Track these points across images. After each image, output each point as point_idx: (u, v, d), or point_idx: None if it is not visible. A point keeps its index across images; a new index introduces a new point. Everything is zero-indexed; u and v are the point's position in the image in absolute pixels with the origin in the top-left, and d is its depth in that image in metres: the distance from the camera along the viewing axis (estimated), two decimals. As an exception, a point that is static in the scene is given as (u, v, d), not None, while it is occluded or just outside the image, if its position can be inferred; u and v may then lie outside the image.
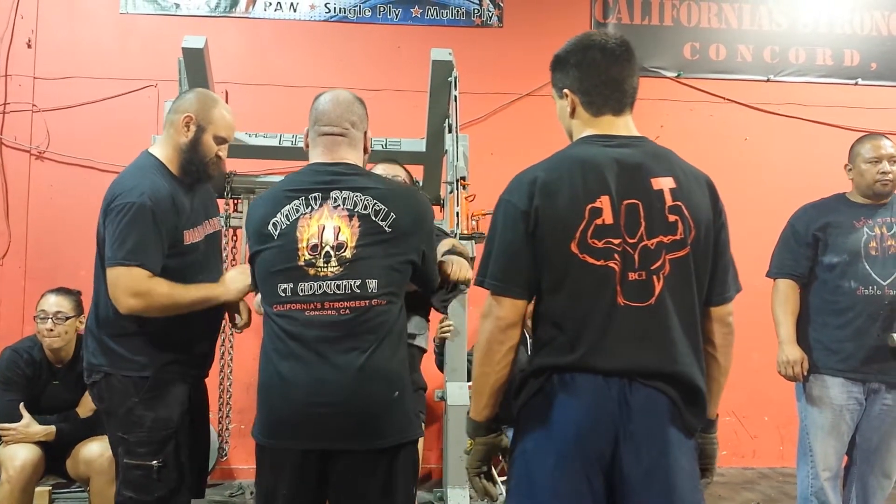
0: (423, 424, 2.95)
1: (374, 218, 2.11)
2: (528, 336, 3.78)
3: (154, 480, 2.45)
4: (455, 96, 3.76)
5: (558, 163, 1.86)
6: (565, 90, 1.94)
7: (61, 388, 3.46)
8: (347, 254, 2.09)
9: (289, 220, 2.13)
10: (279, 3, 5.57)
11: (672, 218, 1.80)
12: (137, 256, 2.35)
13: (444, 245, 2.60)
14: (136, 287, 2.34)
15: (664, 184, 1.82)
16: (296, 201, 2.14)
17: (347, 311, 2.07)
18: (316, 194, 2.14)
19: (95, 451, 3.23)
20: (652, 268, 1.78)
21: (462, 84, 3.80)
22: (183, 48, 3.71)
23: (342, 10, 5.60)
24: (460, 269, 2.39)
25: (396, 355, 2.14)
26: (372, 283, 2.08)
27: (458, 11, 5.69)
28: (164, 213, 2.41)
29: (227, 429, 4.84)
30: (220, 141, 2.56)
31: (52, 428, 3.30)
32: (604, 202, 1.78)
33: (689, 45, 5.89)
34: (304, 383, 2.06)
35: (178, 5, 5.48)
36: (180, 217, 2.48)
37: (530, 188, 1.81)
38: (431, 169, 4.13)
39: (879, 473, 3.28)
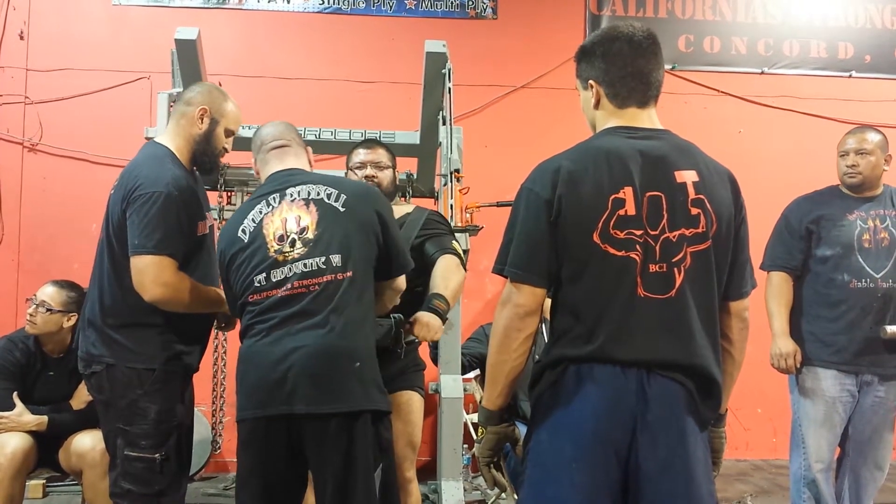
0: (423, 397, 3.01)
1: (327, 200, 2.31)
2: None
3: (156, 473, 2.47)
4: (449, 88, 3.73)
5: (583, 152, 1.85)
6: (590, 81, 1.93)
7: (55, 379, 3.44)
8: (310, 235, 2.27)
9: (255, 223, 2.33)
10: (273, -6, 5.55)
11: (694, 211, 1.81)
12: (168, 246, 2.39)
13: (441, 264, 2.71)
14: (165, 277, 2.39)
15: (687, 177, 1.82)
16: (258, 205, 2.35)
17: (316, 286, 2.22)
18: (275, 195, 2.35)
19: (87, 443, 3.22)
20: (673, 260, 1.79)
21: (456, 76, 3.79)
22: (176, 39, 3.68)
23: (336, 1, 5.58)
24: (428, 331, 2.49)
25: (362, 328, 2.25)
26: (335, 258, 2.24)
27: (452, 3, 5.67)
28: (186, 203, 2.46)
29: (220, 422, 4.84)
30: (228, 134, 2.67)
31: (45, 418, 3.29)
32: (627, 193, 1.78)
33: (683, 37, 5.90)
34: (272, 354, 2.19)
35: (170, -3, 5.45)
36: (198, 208, 2.55)
37: (554, 177, 1.80)
38: (425, 161, 4.11)
39: (872, 465, 3.30)
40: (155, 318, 2.47)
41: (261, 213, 2.33)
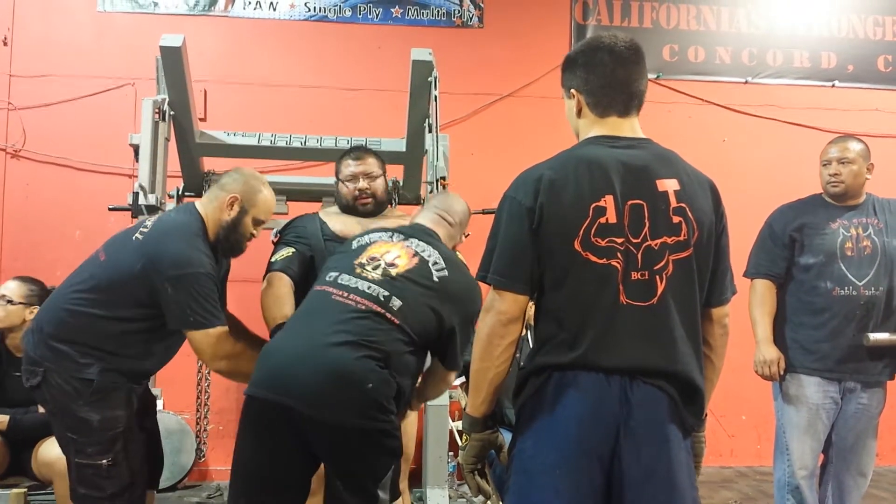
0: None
1: (429, 265, 2.39)
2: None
3: (105, 478, 2.53)
4: (435, 96, 3.75)
5: (564, 161, 1.87)
6: (573, 90, 1.96)
7: (21, 380, 3.42)
8: (393, 272, 2.34)
9: (369, 241, 2.49)
10: (258, 1, 5.54)
11: (676, 219, 1.83)
12: (218, 319, 2.50)
13: None
14: (225, 350, 2.50)
15: (669, 185, 1.84)
16: (384, 233, 2.53)
17: (363, 307, 2.25)
18: (401, 234, 2.51)
19: (55, 453, 3.15)
20: (655, 268, 1.80)
21: (442, 84, 3.80)
22: (160, 46, 3.67)
23: (322, 9, 5.59)
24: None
25: (382, 369, 2.19)
26: (396, 302, 2.27)
27: (438, 12, 5.69)
28: (214, 281, 2.57)
29: (205, 430, 4.81)
30: (257, 223, 2.74)
31: (6, 418, 3.28)
32: (608, 201, 1.80)
33: (668, 46, 5.93)
34: (301, 346, 2.21)
35: (156, 3, 5.43)
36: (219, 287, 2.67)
37: (536, 185, 1.82)
38: (412, 169, 4.12)
39: (855, 472, 3.31)
40: (107, 347, 2.53)
41: (379, 237, 2.50)
